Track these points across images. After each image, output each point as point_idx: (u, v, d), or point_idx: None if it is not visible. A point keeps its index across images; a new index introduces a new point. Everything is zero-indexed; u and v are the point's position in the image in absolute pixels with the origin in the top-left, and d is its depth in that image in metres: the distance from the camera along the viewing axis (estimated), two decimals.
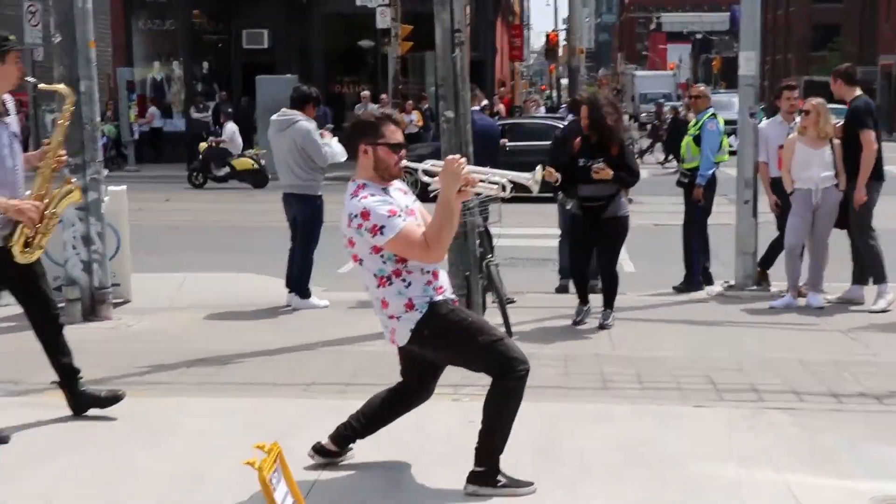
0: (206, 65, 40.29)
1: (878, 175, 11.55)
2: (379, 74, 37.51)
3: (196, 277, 13.47)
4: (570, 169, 10.63)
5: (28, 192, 7.27)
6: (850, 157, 11.53)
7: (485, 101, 14.65)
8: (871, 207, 11.61)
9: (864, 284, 11.90)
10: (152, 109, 37.41)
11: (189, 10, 39.12)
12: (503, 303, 10.25)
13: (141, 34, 39.45)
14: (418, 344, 6.05)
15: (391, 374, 6.53)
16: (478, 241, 10.51)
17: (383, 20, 32.26)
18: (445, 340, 6.02)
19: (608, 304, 10.80)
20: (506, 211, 10.43)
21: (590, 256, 11.04)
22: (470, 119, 10.82)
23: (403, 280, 5.95)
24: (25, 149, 7.58)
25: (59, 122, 7.58)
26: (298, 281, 11.67)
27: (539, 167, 6.49)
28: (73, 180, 7.71)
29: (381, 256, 5.92)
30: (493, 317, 10.19)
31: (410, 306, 5.96)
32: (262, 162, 26.27)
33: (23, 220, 7.01)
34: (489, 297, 10.72)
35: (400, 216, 5.84)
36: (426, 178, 6.41)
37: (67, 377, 7.44)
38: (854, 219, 11.64)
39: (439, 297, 6.05)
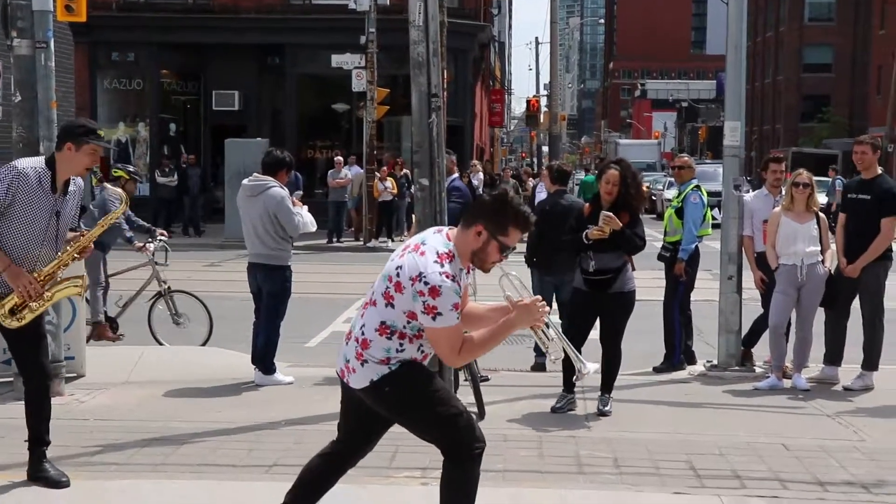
0: (173, 126, 40.04)
1: (887, 255, 11.35)
2: (353, 138, 37.32)
3: (155, 351, 13.20)
4: (579, 238, 10.11)
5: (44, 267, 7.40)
6: (865, 233, 11.28)
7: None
8: (883, 289, 11.45)
9: (837, 365, 11.68)
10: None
11: (157, 70, 39.03)
12: (476, 381, 10.01)
13: (106, 94, 39.25)
14: (374, 397, 5.73)
15: None
16: None
17: (359, 83, 31.89)
18: (404, 403, 5.73)
19: (607, 387, 10.25)
20: (478, 284, 10.18)
21: (586, 338, 10.38)
22: (445, 187, 10.62)
23: (401, 343, 5.66)
24: None
25: (101, 221, 7.98)
26: (263, 356, 11.27)
27: (596, 365, 6.40)
28: (82, 278, 7.80)
29: (410, 322, 5.60)
30: (465, 395, 10.12)
31: (385, 362, 5.65)
32: None
33: (15, 289, 7.15)
34: (462, 375, 10.45)
35: (457, 312, 5.51)
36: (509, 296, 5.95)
37: None
38: (867, 299, 11.41)
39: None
